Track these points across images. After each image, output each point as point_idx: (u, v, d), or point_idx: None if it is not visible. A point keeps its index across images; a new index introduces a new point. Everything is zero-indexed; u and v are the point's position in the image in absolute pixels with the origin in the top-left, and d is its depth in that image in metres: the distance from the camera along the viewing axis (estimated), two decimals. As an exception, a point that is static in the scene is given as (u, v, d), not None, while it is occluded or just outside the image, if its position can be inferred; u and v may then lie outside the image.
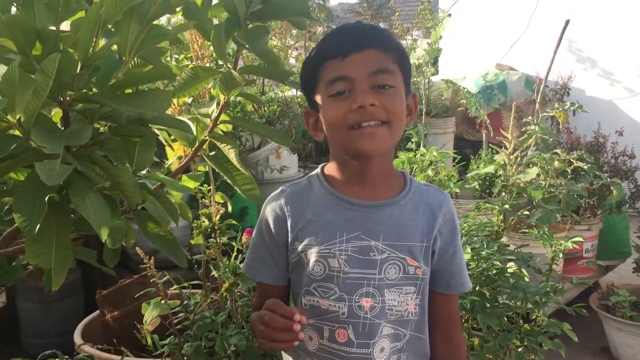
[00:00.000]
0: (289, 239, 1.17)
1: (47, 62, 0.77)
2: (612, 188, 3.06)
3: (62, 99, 0.93)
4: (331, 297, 1.13)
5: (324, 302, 1.14)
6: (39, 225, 0.89)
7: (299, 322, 1.01)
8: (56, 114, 1.04)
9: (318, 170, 1.22)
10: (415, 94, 1.19)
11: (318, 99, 1.13)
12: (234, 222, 2.04)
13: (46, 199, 0.91)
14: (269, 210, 1.20)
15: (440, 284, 1.20)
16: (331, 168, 1.20)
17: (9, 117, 0.85)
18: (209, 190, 2.02)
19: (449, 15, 3.88)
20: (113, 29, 0.93)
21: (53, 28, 0.91)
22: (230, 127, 1.36)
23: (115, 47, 0.96)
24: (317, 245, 1.13)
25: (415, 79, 4.34)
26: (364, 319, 1.12)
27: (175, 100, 1.74)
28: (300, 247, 1.15)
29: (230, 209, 2.05)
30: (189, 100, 2.00)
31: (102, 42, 0.96)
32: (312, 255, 1.14)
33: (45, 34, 0.84)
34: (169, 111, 1.46)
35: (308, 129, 1.20)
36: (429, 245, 1.15)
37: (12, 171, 1.01)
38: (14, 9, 0.93)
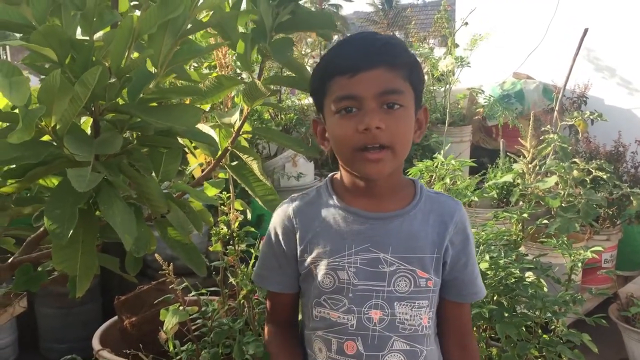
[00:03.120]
0: (298, 251, 1.17)
1: (88, 74, 0.78)
2: (631, 198, 3.03)
3: (93, 108, 0.95)
4: (340, 309, 1.13)
5: (334, 314, 1.14)
6: (70, 232, 0.90)
7: None
8: (85, 122, 1.06)
9: (327, 180, 1.22)
10: (426, 107, 1.17)
11: (325, 111, 1.12)
12: (252, 229, 2.05)
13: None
14: (277, 221, 1.20)
15: (453, 292, 1.20)
16: (339, 179, 1.19)
17: (44, 124, 0.86)
18: (228, 197, 2.03)
19: (466, 24, 3.87)
20: (145, 42, 0.94)
21: (87, 38, 0.92)
22: (249, 135, 1.37)
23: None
24: (326, 257, 1.13)
25: (436, 87, 4.31)
26: (372, 331, 1.12)
27: (198, 107, 1.74)
28: (309, 259, 1.15)
29: (249, 216, 2.06)
30: (207, 108, 2.01)
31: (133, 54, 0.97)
32: (321, 268, 1.14)
33: (79, 45, 0.86)
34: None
35: (315, 137, 1.19)
36: (440, 256, 1.15)
37: (43, 177, 1.02)
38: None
